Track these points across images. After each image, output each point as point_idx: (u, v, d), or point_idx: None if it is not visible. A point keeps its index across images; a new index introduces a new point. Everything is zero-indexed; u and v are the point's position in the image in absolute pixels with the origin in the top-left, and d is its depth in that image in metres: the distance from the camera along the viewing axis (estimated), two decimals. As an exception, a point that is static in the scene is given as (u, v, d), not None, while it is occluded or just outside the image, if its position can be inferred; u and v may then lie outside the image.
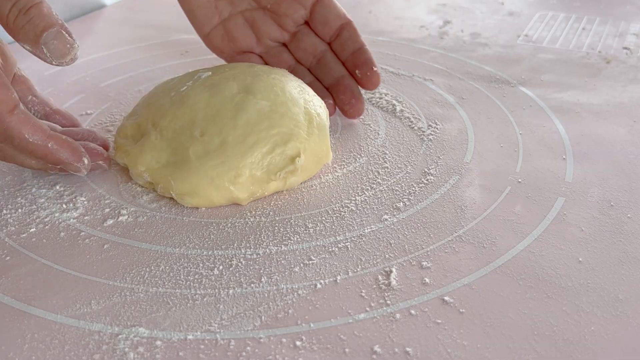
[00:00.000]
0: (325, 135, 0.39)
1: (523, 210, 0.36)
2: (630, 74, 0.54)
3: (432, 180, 0.39)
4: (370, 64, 0.45)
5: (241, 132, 0.36)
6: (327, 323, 0.28)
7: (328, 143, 0.40)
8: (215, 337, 0.27)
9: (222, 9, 0.47)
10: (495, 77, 0.54)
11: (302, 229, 0.34)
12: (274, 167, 0.36)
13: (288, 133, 0.37)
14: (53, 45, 0.33)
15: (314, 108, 0.39)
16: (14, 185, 0.38)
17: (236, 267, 0.31)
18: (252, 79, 0.39)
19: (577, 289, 0.30)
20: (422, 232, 0.34)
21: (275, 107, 0.37)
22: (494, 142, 0.43)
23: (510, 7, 0.74)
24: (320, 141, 0.38)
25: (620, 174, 0.39)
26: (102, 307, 0.29)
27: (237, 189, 0.35)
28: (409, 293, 0.29)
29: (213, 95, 0.38)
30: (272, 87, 0.39)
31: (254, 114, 0.37)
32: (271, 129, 0.36)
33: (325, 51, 0.46)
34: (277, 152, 0.36)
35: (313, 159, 0.38)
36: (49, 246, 0.33)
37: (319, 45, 0.47)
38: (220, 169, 0.35)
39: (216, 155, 0.36)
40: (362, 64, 0.45)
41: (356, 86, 0.45)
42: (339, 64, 0.46)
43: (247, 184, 0.36)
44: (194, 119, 0.37)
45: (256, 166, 0.36)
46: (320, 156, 0.39)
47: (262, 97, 0.38)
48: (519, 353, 0.26)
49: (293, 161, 0.36)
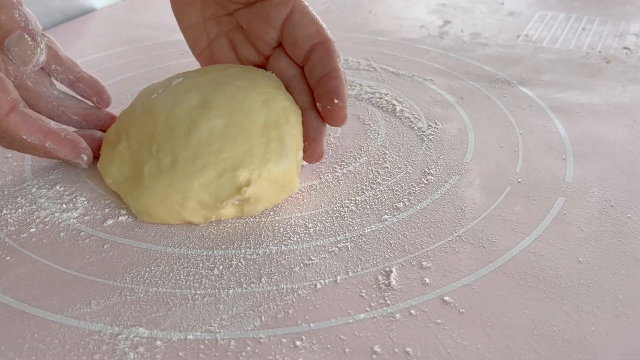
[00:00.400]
0: (289, 160, 0.35)
1: (523, 210, 0.36)
2: (630, 74, 0.54)
3: (432, 180, 0.39)
4: (333, 94, 0.36)
5: (191, 152, 0.34)
6: (327, 323, 0.28)
7: (292, 169, 0.35)
8: (215, 337, 0.27)
9: (210, 29, 0.43)
10: (495, 77, 0.54)
11: (302, 229, 0.34)
12: (222, 194, 0.33)
13: (238, 158, 0.33)
14: (14, 52, 0.32)
15: (279, 126, 0.35)
16: (14, 185, 0.38)
17: (236, 267, 0.31)
18: (213, 89, 0.36)
19: (577, 289, 0.30)
20: (422, 232, 0.34)
21: (228, 126, 0.34)
22: (494, 142, 0.43)
23: (510, 7, 0.74)
24: (281, 168, 0.34)
25: (620, 174, 0.39)
26: (102, 307, 0.29)
27: (186, 214, 0.34)
28: (409, 293, 0.29)
29: (173, 108, 0.36)
30: (231, 100, 0.35)
31: (205, 133, 0.34)
32: (221, 152, 0.33)
33: (293, 77, 0.40)
34: (225, 178, 0.33)
35: (273, 188, 0.34)
36: (49, 246, 0.33)
37: (287, 70, 0.40)
38: (169, 190, 0.33)
39: (167, 175, 0.34)
40: (324, 94, 0.37)
41: (317, 122, 0.38)
42: (304, 92, 0.39)
43: (197, 208, 0.34)
44: (153, 132, 0.35)
45: (204, 191, 0.33)
46: (282, 184, 0.35)
47: (217, 113, 0.35)
48: (519, 353, 0.26)
49: (239, 191, 0.33)
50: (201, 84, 0.37)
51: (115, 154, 0.37)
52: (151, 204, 0.34)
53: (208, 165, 0.33)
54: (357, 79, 0.54)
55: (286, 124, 0.35)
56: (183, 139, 0.34)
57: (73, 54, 0.60)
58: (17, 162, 0.41)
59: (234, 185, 0.33)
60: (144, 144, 0.35)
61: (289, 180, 0.35)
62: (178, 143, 0.34)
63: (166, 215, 0.34)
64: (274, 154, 0.34)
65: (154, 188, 0.34)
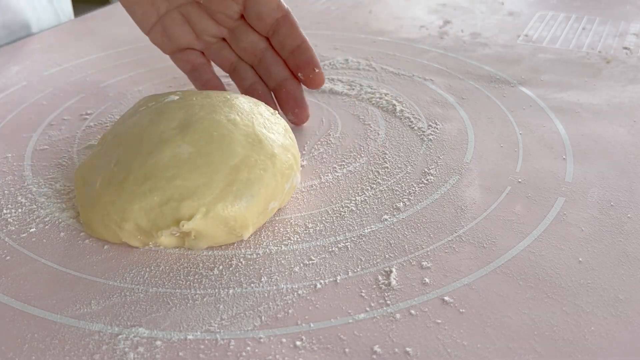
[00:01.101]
0: (249, 207, 0.32)
1: (523, 210, 0.36)
2: (630, 74, 0.54)
3: (432, 180, 0.39)
4: (312, 64, 0.43)
5: (144, 173, 0.31)
6: (327, 323, 0.28)
7: (250, 217, 0.32)
8: (215, 337, 0.27)
9: (160, 5, 0.44)
10: (495, 77, 0.54)
11: (302, 229, 0.34)
12: (161, 222, 0.31)
13: (190, 190, 0.31)
14: None
15: (254, 172, 0.32)
16: (14, 185, 0.38)
17: (236, 267, 0.31)
18: (202, 115, 0.34)
19: (577, 289, 0.30)
20: (422, 232, 0.34)
21: (195, 156, 0.32)
22: (494, 142, 0.43)
23: (510, 7, 0.74)
24: (235, 211, 0.31)
25: (620, 174, 0.39)
26: (102, 307, 0.29)
27: (123, 235, 0.32)
28: (409, 293, 0.29)
29: (150, 124, 0.34)
30: (211, 132, 0.33)
31: (167, 157, 0.32)
32: (174, 179, 0.31)
33: (266, 50, 0.44)
34: (169, 207, 0.31)
35: (220, 227, 0.31)
36: (49, 246, 0.33)
37: (258, 43, 0.44)
38: (110, 208, 0.32)
39: (113, 191, 0.32)
40: (304, 64, 0.43)
41: (300, 90, 0.44)
42: (280, 63, 0.44)
43: (134, 232, 0.32)
44: (120, 144, 0.34)
45: (143, 216, 0.31)
46: (232, 226, 0.32)
47: (191, 139, 0.33)
48: (519, 353, 0.26)
49: (177, 223, 0.31)
50: (193, 106, 0.35)
51: (92, 156, 0.36)
52: (93, 219, 0.33)
53: (156, 190, 0.31)
54: (357, 79, 0.54)
55: (264, 172, 0.33)
56: (142, 158, 0.32)
57: (73, 54, 0.60)
58: (17, 162, 0.41)
59: (174, 216, 0.31)
60: (110, 153, 0.34)
61: (240, 225, 0.32)
62: (136, 160, 0.32)
63: (105, 233, 0.33)
64: (231, 194, 0.31)
65: (98, 202, 0.32)
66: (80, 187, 0.35)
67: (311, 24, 0.67)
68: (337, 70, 0.55)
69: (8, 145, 0.43)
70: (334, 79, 0.53)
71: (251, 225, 0.32)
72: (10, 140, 0.44)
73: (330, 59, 0.58)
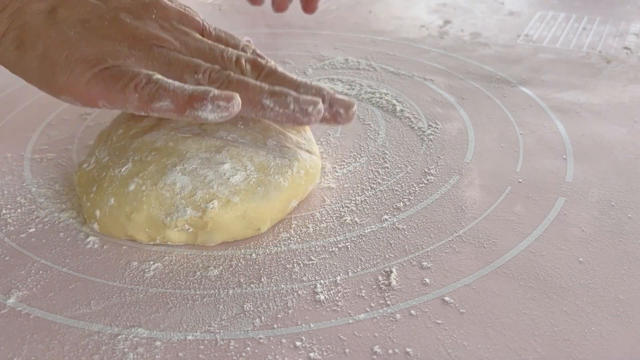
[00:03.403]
0: (270, 202, 0.33)
1: (523, 210, 0.36)
2: (631, 74, 0.54)
3: (432, 180, 0.39)
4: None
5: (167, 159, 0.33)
6: (327, 323, 0.28)
7: (267, 212, 0.33)
8: (214, 338, 0.27)
9: None
10: (496, 77, 0.54)
11: (302, 229, 0.34)
12: (180, 208, 0.31)
13: (210, 183, 0.32)
14: None
15: (276, 169, 0.34)
16: (13, 185, 0.38)
17: (236, 268, 0.31)
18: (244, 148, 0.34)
19: (578, 289, 0.30)
20: (422, 232, 0.34)
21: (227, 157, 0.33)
22: (494, 142, 0.43)
23: (510, 7, 0.74)
24: (255, 205, 0.32)
25: (620, 174, 0.39)
26: (101, 308, 0.29)
27: (131, 228, 0.32)
28: (409, 293, 0.29)
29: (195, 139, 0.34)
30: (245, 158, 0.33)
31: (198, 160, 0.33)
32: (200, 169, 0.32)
33: None
34: (186, 192, 0.31)
35: (239, 219, 0.32)
36: (48, 246, 0.33)
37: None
38: (122, 199, 0.32)
39: (124, 178, 0.32)
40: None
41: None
42: None
43: (143, 225, 0.32)
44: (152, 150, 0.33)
45: (157, 205, 0.31)
46: (250, 219, 0.32)
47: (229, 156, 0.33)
48: (519, 353, 0.26)
49: (197, 207, 0.31)
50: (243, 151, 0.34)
51: (95, 146, 0.37)
52: (101, 210, 0.32)
53: (176, 181, 0.32)
54: (357, 78, 0.54)
55: (289, 170, 0.34)
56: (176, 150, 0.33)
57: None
58: (16, 162, 0.41)
59: (192, 202, 0.31)
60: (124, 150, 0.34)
61: (259, 218, 0.33)
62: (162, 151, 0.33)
63: (111, 226, 0.32)
64: (251, 190, 0.32)
65: (109, 191, 0.32)
66: (84, 183, 0.35)
67: (311, 24, 0.67)
68: (337, 70, 0.55)
69: (7, 145, 0.43)
70: (334, 79, 0.53)
71: (269, 220, 0.33)
72: (9, 140, 0.44)
73: (330, 59, 0.58)
